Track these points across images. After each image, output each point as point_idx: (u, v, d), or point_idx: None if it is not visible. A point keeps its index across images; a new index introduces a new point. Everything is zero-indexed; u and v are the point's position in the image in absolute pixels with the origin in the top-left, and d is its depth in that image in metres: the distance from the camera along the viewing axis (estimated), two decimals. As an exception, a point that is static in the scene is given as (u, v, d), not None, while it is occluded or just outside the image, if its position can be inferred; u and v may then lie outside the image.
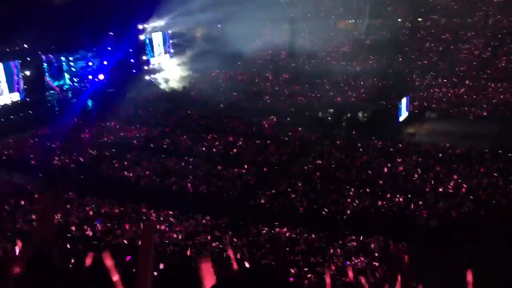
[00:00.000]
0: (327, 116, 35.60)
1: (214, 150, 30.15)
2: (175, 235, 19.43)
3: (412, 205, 21.16)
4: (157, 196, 23.94)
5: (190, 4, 47.96)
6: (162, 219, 21.16)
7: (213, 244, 18.46)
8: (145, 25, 50.28)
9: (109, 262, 2.58)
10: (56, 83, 42.78)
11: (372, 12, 55.20)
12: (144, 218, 21.13)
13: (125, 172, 27.21)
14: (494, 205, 20.69)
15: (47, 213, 2.48)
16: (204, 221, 21.02)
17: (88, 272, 3.48)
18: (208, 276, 2.31)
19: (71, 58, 43.81)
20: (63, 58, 43.09)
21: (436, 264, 15.76)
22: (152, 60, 51.82)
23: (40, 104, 40.62)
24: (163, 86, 48.73)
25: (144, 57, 50.91)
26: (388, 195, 22.14)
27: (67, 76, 43.70)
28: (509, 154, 25.97)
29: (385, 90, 41.19)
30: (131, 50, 48.86)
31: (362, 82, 43.51)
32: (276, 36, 54.98)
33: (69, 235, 19.08)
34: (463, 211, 20.34)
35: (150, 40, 51.46)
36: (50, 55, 42.03)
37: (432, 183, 23.29)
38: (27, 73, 39.72)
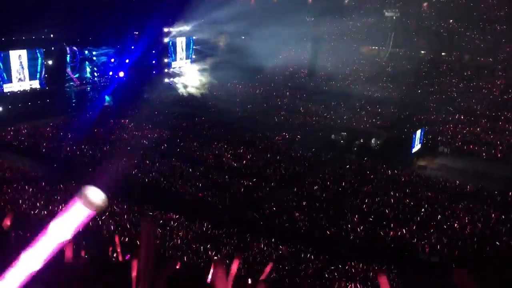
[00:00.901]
0: (339, 139, 35.49)
1: (223, 159, 30.18)
2: (176, 239, 19.42)
3: (415, 239, 20.93)
4: (161, 198, 23.98)
5: (217, 13, 48.47)
6: (162, 221, 21.16)
7: (210, 253, 18.41)
8: (171, 29, 50.84)
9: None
10: (76, 75, 43.33)
11: (396, 40, 55.27)
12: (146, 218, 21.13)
13: (133, 171, 27.32)
14: (499, 247, 20.40)
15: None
16: (205, 229, 20.98)
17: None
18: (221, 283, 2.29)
19: (94, 53, 44.39)
20: (86, 52, 43.67)
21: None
22: (173, 64, 52.32)
23: (58, 94, 41.14)
24: (181, 90, 49.07)
25: (166, 60, 51.39)
26: (392, 225, 21.93)
27: (88, 69, 44.23)
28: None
29: (401, 120, 40.99)
30: (154, 51, 49.40)
31: (378, 110, 43.39)
32: (298, 54, 55.26)
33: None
34: (466, 251, 20.07)
35: (174, 43, 51.99)
36: (74, 47, 42.63)
37: (438, 218, 23.02)
38: (50, 62, 40.28)
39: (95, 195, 1.65)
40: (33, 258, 1.67)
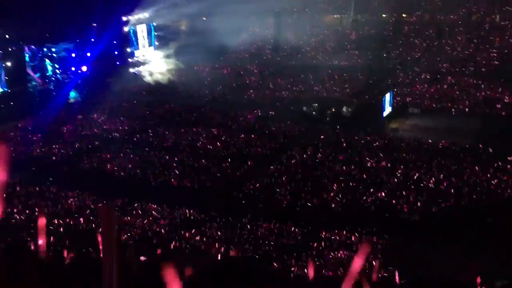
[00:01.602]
0: (311, 111, 35.68)
1: (198, 143, 30.06)
2: (158, 229, 19.39)
3: (394, 200, 21.38)
4: (140, 190, 23.83)
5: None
6: (143, 212, 21.08)
7: (197, 238, 18.47)
8: (130, 17, 49.73)
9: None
10: (38, 75, 42.14)
11: (357, 7, 55.37)
12: (127, 211, 21.02)
13: (108, 165, 27.01)
14: (475, 200, 21.03)
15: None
16: (187, 215, 21.00)
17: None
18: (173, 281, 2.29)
19: (53, 49, 43.14)
20: (45, 49, 42.42)
21: (414, 256, 16.01)
22: (136, 52, 51.33)
23: (21, 96, 39.99)
24: (147, 78, 48.33)
25: (128, 49, 50.40)
26: (371, 190, 22.33)
27: (49, 67, 43.07)
28: (490, 150, 26.35)
29: (369, 86, 41.39)
30: (115, 42, 48.31)
31: (346, 77, 43.67)
32: (261, 30, 54.89)
33: (51, 227, 18.90)
34: (444, 206, 20.63)
35: (135, 32, 50.94)
36: (32, 46, 41.37)
37: (414, 178, 23.54)
38: (9, 64, 39.05)
39: None
40: None
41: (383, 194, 21.89)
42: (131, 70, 49.58)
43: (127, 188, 24.15)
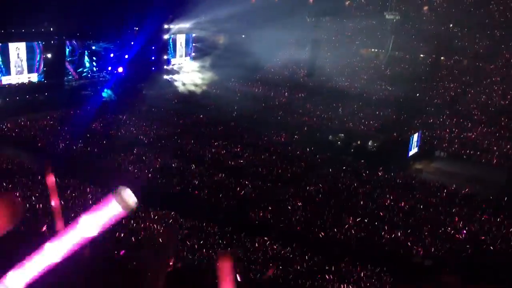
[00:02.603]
0: (336, 140, 35.59)
1: (220, 157, 30.21)
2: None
3: (409, 242, 21.00)
4: (156, 195, 23.97)
5: (218, 11, 48.47)
6: (157, 218, 21.18)
7: (203, 250, 18.44)
8: (171, 25, 50.80)
9: None
10: (75, 70, 43.24)
11: (395, 44, 55.33)
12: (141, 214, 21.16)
13: (130, 167, 27.32)
14: (493, 252, 20.50)
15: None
16: (199, 226, 21.00)
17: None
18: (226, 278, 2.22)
19: (93, 47, 44.31)
20: (85, 46, 43.57)
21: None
22: (172, 61, 52.28)
23: (56, 88, 41.05)
24: (180, 87, 49.06)
25: (165, 57, 51.36)
26: (386, 228, 21.99)
27: (87, 64, 44.15)
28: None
29: (398, 123, 41.08)
30: (153, 48, 49.38)
31: (376, 112, 43.47)
32: (297, 54, 55.25)
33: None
34: (459, 255, 20.16)
35: (174, 40, 51.97)
36: (74, 41, 42.56)
37: (433, 222, 23.10)
38: (49, 55, 40.19)
39: (130, 197, 1.69)
40: (54, 251, 1.70)
41: (398, 234, 21.52)
42: (165, 77, 50.46)
43: (143, 192, 24.31)
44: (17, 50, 38.02)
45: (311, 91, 48.60)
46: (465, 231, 22.18)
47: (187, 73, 52.33)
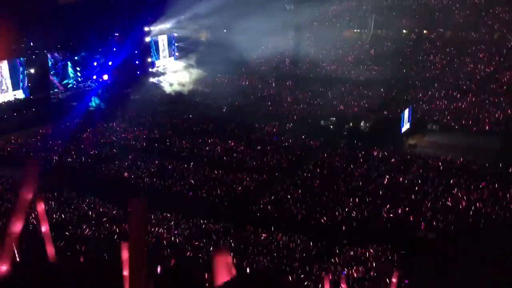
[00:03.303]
0: (329, 125, 35.66)
1: (215, 154, 30.18)
2: (173, 238, 19.45)
3: (411, 217, 21.13)
4: (156, 199, 23.95)
5: (196, 8, 48.20)
6: (159, 221, 21.18)
7: (210, 248, 18.47)
8: (151, 27, 50.50)
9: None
10: (60, 82, 42.94)
11: (377, 22, 55.29)
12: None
13: (125, 173, 27.25)
14: (493, 219, 20.67)
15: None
16: (202, 225, 21.03)
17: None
18: (223, 271, 2.27)
19: (76, 58, 43.98)
20: (68, 57, 43.24)
21: (430, 276, 15.76)
22: (157, 62, 52.02)
23: (43, 102, 40.74)
24: (167, 88, 48.86)
25: (149, 59, 51.08)
26: (388, 206, 22.11)
27: (71, 75, 43.85)
28: (510, 169, 25.95)
29: (388, 101, 41.20)
30: (136, 52, 49.07)
31: (365, 92, 43.52)
32: (280, 43, 55.08)
33: (67, 233, 19.12)
34: (461, 225, 20.31)
35: (156, 42, 51.67)
36: (56, 54, 42.21)
37: (432, 195, 23.26)
38: (32, 71, 39.84)
39: None
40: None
41: (399, 211, 21.65)
42: (151, 79, 50.20)
43: (143, 197, 24.28)
44: (0, 69, 37.66)
45: (298, 79, 48.55)
46: (464, 201, 22.35)
47: (173, 73, 52.08)
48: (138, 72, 49.78)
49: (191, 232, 20.29)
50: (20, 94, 39.11)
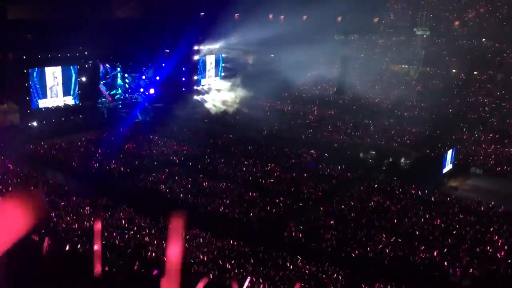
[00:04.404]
0: (368, 158, 35.12)
1: (251, 176, 30.18)
2: (201, 256, 19.43)
3: (446, 261, 20.37)
4: (188, 214, 24.05)
5: (246, 31, 48.99)
6: (188, 237, 21.23)
7: (235, 271, 18.33)
8: (201, 47, 51.60)
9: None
10: (109, 92, 44.25)
11: (426, 59, 54.65)
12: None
13: (161, 186, 27.59)
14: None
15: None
16: (230, 245, 20.94)
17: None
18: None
19: (126, 70, 45.31)
20: (118, 69, 44.63)
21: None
22: (202, 81, 52.94)
23: (91, 110, 42.07)
24: (210, 107, 49.56)
25: (196, 77, 52.06)
26: (423, 247, 21.42)
27: (120, 86, 45.15)
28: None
29: (431, 140, 40.22)
30: (184, 69, 50.15)
31: (408, 129, 42.76)
32: (327, 72, 55.20)
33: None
34: (499, 275, 19.42)
35: (204, 61, 52.70)
36: (107, 64, 43.63)
37: (470, 241, 22.40)
38: (83, 79, 41.27)
39: None
40: None
41: (435, 253, 20.92)
42: (196, 97, 51.08)
43: (175, 211, 24.46)
44: (54, 75, 39.23)
45: (341, 108, 48.32)
46: (503, 251, 21.41)
47: (217, 93, 52.88)
48: (183, 89, 50.79)
49: (219, 251, 20.22)
50: (69, 100, 40.52)
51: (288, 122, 44.50)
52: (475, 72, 52.91)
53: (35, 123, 37.99)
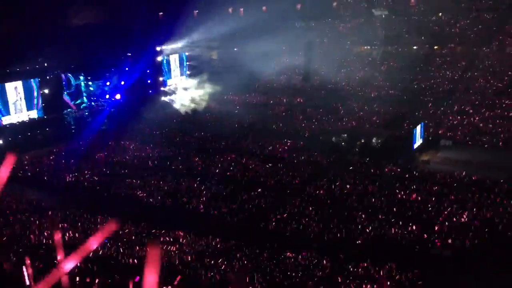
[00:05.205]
0: (340, 141, 35.52)
1: (227, 172, 30.17)
2: (185, 256, 19.38)
3: (426, 234, 20.83)
4: (168, 216, 23.97)
5: (207, 27, 48.77)
6: (172, 239, 21.13)
7: (222, 267, 18.36)
8: (163, 47, 51.12)
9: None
10: (73, 102, 43.46)
11: (388, 39, 55.42)
12: (153, 238, 21.09)
13: (138, 192, 27.33)
14: (508, 236, 20.32)
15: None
16: (214, 243, 20.93)
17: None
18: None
19: (89, 78, 44.55)
20: (81, 77, 43.86)
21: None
22: (168, 81, 52.51)
23: (57, 122, 41.27)
24: (178, 107, 49.23)
25: (161, 78, 51.60)
26: (401, 223, 21.84)
27: (84, 94, 44.39)
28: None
29: (400, 117, 40.98)
30: (148, 71, 49.66)
31: (376, 109, 43.42)
32: (291, 60, 55.41)
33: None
34: (477, 242, 19.98)
35: (168, 61, 52.25)
36: (69, 74, 42.83)
37: (446, 212, 22.95)
38: (46, 91, 40.43)
39: None
40: None
41: (413, 228, 21.36)
42: (163, 98, 50.66)
43: (155, 215, 24.33)
44: (15, 90, 38.27)
45: (310, 95, 48.65)
46: (479, 218, 22.02)
47: (185, 92, 52.56)
48: (150, 91, 50.30)
49: (202, 250, 20.20)
50: (34, 114, 39.64)
51: (259, 113, 44.56)
52: (435, 47, 53.93)
53: (0, 141, 37.01)
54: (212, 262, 18.80)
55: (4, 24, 40.12)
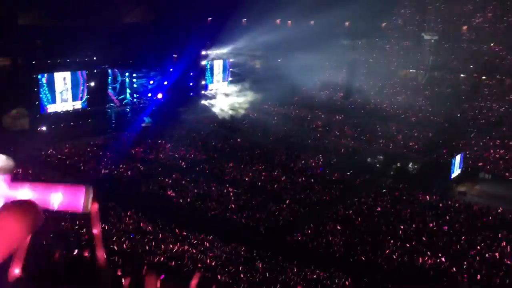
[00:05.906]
0: (375, 163, 34.99)
1: (258, 181, 30.18)
2: (208, 261, 19.46)
3: (454, 267, 20.23)
4: (195, 219, 24.15)
5: (254, 36, 49.15)
6: (196, 242, 21.28)
7: (241, 275, 18.34)
8: (208, 52, 51.85)
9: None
10: (117, 97, 44.55)
11: (434, 64, 54.47)
12: (180, 238, 21.31)
13: (168, 191, 27.67)
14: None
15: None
16: (238, 250, 20.94)
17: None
18: None
19: (134, 75, 45.61)
20: (127, 74, 44.94)
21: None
22: (210, 86, 53.14)
23: (99, 115, 42.39)
24: (217, 112, 49.70)
25: (203, 82, 52.28)
26: (429, 253, 21.29)
27: (128, 91, 45.44)
28: None
29: (440, 144, 40.02)
30: (191, 74, 50.42)
31: (415, 134, 42.57)
32: (334, 77, 55.18)
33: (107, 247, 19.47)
34: (508, 282, 19.26)
35: (211, 66, 52.92)
36: (116, 70, 43.95)
37: (479, 247, 22.22)
38: (92, 84, 41.60)
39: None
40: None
41: (443, 259, 20.78)
42: (203, 102, 51.28)
43: (183, 216, 24.56)
44: (63, 80, 39.60)
45: (349, 113, 48.22)
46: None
47: (225, 98, 53.07)
48: (191, 93, 51.02)
49: (225, 256, 20.24)
50: (78, 105, 40.85)
51: (296, 126, 44.47)
52: (483, 77, 52.60)
53: (44, 128, 38.26)
54: (233, 269, 18.81)
55: (58, 17, 41.71)
